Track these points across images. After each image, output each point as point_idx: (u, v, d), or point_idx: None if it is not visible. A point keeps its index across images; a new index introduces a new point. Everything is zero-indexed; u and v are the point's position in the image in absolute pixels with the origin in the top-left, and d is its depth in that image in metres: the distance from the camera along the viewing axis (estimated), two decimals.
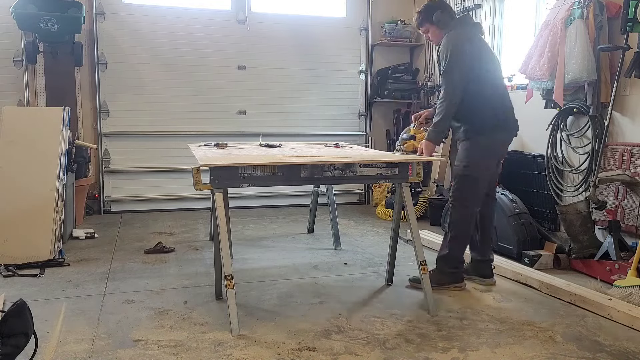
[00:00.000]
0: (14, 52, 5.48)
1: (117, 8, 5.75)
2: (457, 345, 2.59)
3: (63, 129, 4.15)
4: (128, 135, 5.87)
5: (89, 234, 4.73)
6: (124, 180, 5.92)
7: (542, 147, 4.49)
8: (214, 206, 2.91)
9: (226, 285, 2.73)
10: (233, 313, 2.72)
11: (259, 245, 4.55)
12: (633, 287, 3.09)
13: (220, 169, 2.82)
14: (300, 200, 6.14)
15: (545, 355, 2.50)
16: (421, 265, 3.06)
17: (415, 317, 2.95)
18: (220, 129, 5.96)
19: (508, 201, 4.21)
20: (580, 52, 3.82)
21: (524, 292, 3.40)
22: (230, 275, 2.73)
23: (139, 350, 2.51)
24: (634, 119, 3.78)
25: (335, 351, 2.51)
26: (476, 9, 5.47)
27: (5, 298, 3.09)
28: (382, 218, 5.65)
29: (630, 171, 3.67)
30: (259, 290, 3.38)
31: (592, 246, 3.72)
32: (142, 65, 5.85)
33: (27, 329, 2.07)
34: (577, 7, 3.91)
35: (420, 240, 3.18)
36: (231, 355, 2.46)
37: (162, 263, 3.99)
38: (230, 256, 2.93)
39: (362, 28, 6.49)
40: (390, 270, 3.53)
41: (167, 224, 5.33)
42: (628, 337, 2.72)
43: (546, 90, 4.22)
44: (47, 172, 4.00)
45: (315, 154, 3.54)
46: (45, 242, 3.85)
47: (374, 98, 6.58)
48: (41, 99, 5.51)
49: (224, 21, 6.04)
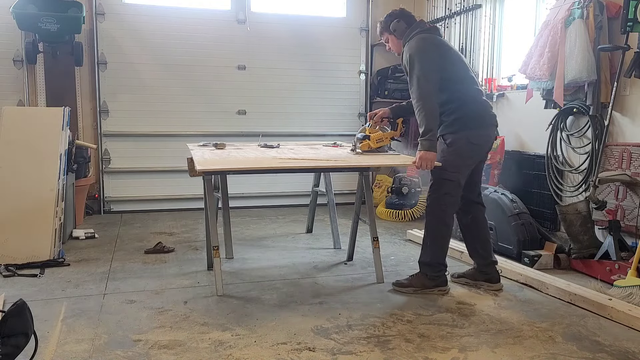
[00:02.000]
0: (14, 52, 5.48)
1: (117, 8, 5.75)
2: (457, 345, 2.59)
3: (63, 129, 4.15)
4: (128, 135, 5.87)
5: (89, 234, 4.73)
6: (124, 180, 5.92)
7: (542, 147, 4.49)
8: (205, 190, 3.46)
9: (213, 254, 3.33)
10: (218, 277, 3.29)
11: (259, 245, 4.55)
12: (633, 287, 3.09)
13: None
14: (300, 200, 6.14)
15: (545, 355, 2.50)
16: (373, 240, 3.59)
17: (415, 317, 2.95)
18: (220, 129, 5.96)
19: (508, 201, 4.21)
20: (580, 52, 3.82)
21: (524, 292, 3.40)
22: (216, 246, 3.33)
23: (139, 350, 2.51)
24: (634, 119, 3.78)
25: (335, 351, 2.51)
26: (476, 9, 5.47)
27: (5, 298, 3.09)
28: (382, 218, 5.65)
29: (630, 171, 3.67)
30: (259, 290, 3.39)
31: (592, 246, 3.72)
32: (142, 65, 5.85)
33: (27, 329, 2.07)
34: (577, 7, 3.91)
35: (375, 222, 3.69)
36: (231, 355, 2.46)
37: (162, 263, 3.99)
38: (216, 228, 3.51)
39: (362, 28, 6.49)
40: (351, 250, 4.08)
41: (167, 224, 5.33)
42: (628, 337, 2.71)
43: (546, 90, 4.22)
44: (47, 172, 4.00)
45: (314, 154, 3.70)
46: (45, 242, 3.85)
47: (374, 98, 6.58)
48: (41, 99, 5.51)
49: (224, 21, 6.04)
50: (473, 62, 5.58)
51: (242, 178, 5.76)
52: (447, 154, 3.25)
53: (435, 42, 3.28)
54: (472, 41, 5.56)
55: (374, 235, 3.59)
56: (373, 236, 3.59)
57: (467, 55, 5.60)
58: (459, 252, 4.13)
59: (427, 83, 3.14)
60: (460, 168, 3.26)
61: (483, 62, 5.46)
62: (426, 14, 6.39)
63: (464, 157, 3.26)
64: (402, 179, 5.68)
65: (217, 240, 3.36)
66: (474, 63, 5.57)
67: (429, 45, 3.23)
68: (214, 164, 3.32)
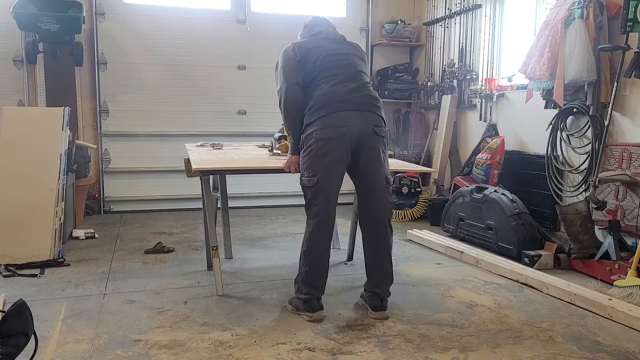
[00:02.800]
0: (14, 52, 5.48)
1: (117, 8, 5.75)
2: (457, 345, 2.59)
3: (63, 129, 4.15)
4: (128, 135, 5.87)
5: (89, 234, 4.73)
6: (124, 180, 5.92)
7: (542, 147, 4.49)
8: (202, 190, 3.48)
9: (212, 254, 3.32)
10: (218, 277, 3.29)
11: (259, 245, 4.55)
12: (633, 287, 3.09)
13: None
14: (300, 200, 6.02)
15: (545, 355, 2.50)
16: None
17: (415, 317, 2.95)
18: (220, 129, 5.96)
19: (508, 201, 4.21)
20: (580, 52, 3.82)
21: (524, 292, 3.39)
22: (215, 246, 3.30)
23: (139, 350, 2.51)
24: (634, 119, 3.78)
25: (335, 351, 2.51)
26: (476, 9, 5.47)
27: (5, 298, 3.09)
28: None
29: (630, 171, 3.67)
30: (259, 290, 3.38)
31: (592, 246, 3.72)
32: (142, 65, 5.85)
33: (27, 329, 2.07)
34: (577, 7, 3.91)
35: None
36: (231, 355, 2.46)
37: (162, 263, 3.99)
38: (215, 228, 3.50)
39: (362, 28, 6.49)
40: (350, 250, 4.12)
41: (167, 224, 5.33)
42: (628, 337, 2.71)
43: (546, 90, 4.22)
44: (47, 172, 4.00)
45: None
46: (45, 242, 3.85)
47: None
48: (41, 99, 5.51)
49: (224, 21, 6.04)
50: (473, 62, 5.59)
51: (242, 178, 5.76)
52: (304, 157, 2.94)
53: (303, 45, 3.07)
54: (472, 41, 5.57)
55: None
56: None
57: (467, 55, 5.61)
58: (459, 252, 4.13)
59: (280, 88, 3.00)
60: (317, 170, 2.87)
61: (483, 62, 5.45)
62: (426, 14, 6.40)
63: (316, 156, 2.87)
64: (402, 179, 5.68)
65: (216, 240, 3.34)
66: (474, 63, 5.58)
67: (289, 52, 3.03)
68: (209, 163, 3.34)
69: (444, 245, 4.31)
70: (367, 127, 2.90)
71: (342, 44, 3.16)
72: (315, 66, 2.98)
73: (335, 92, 2.90)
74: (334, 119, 2.85)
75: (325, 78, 2.96)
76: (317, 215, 2.90)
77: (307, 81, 2.98)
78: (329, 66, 2.99)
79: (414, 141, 6.36)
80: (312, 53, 3.01)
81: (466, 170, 5.33)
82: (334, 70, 2.98)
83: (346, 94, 2.91)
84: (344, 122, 2.85)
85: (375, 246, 2.99)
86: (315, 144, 2.86)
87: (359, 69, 3.07)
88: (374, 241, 2.99)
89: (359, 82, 3.00)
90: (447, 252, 4.24)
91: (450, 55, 5.91)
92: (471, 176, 5.14)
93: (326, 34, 3.20)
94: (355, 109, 2.90)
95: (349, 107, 2.88)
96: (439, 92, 6.05)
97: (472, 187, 4.57)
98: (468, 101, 5.64)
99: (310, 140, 2.88)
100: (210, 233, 3.40)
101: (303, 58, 2.99)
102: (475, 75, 5.53)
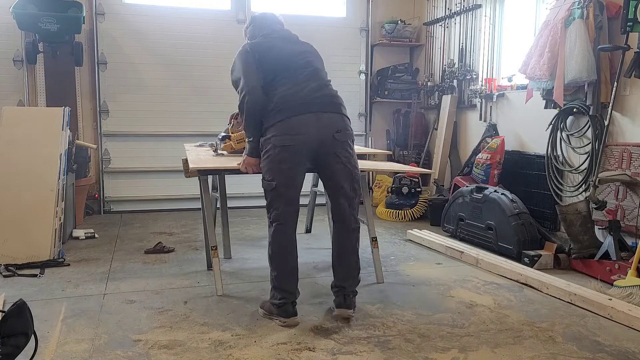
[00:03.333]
0: (14, 52, 5.48)
1: (117, 8, 5.76)
2: (457, 345, 2.59)
3: (63, 129, 4.15)
4: (128, 135, 5.88)
5: (89, 234, 4.73)
6: (124, 180, 5.93)
7: (542, 147, 4.49)
8: (201, 190, 3.54)
9: (211, 254, 3.33)
10: (217, 277, 3.29)
11: (259, 245, 4.54)
12: (633, 287, 3.09)
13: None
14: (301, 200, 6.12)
15: (545, 355, 2.50)
16: (372, 241, 3.59)
17: (415, 317, 2.95)
18: (220, 129, 5.91)
19: (508, 201, 4.20)
20: (580, 52, 3.82)
21: (524, 292, 3.39)
22: (214, 246, 3.31)
23: (139, 350, 2.51)
24: (634, 119, 3.78)
25: (335, 351, 2.51)
26: (476, 9, 5.48)
27: (5, 298, 3.09)
28: (382, 218, 5.65)
29: (630, 171, 3.67)
30: (259, 290, 3.38)
31: (592, 246, 3.72)
32: (142, 65, 5.85)
33: (27, 329, 2.06)
34: (577, 7, 3.91)
35: (374, 222, 3.69)
36: (231, 355, 2.46)
37: (162, 263, 3.99)
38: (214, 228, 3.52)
39: (362, 28, 6.49)
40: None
41: (167, 224, 5.33)
42: (628, 337, 2.71)
43: (546, 90, 4.23)
44: (47, 172, 4.00)
45: None
46: (45, 242, 3.85)
47: (374, 98, 6.58)
48: (41, 99, 5.51)
49: (224, 21, 6.04)
50: (473, 62, 5.59)
51: (242, 178, 5.71)
52: (262, 159, 2.91)
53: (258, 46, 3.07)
54: (472, 41, 5.57)
55: (373, 235, 3.58)
56: (371, 236, 3.58)
57: (467, 55, 5.61)
58: (459, 252, 4.13)
59: (239, 90, 3.00)
60: (275, 176, 2.83)
61: (483, 62, 5.46)
62: (426, 14, 6.40)
63: (274, 162, 2.83)
64: (402, 179, 5.68)
65: (215, 240, 3.35)
66: (474, 63, 5.58)
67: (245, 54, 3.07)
68: (207, 163, 3.34)
69: (444, 245, 4.31)
70: (327, 133, 2.84)
71: (297, 44, 3.15)
72: (272, 67, 2.94)
73: (294, 95, 2.85)
74: (292, 125, 2.79)
75: (283, 79, 2.92)
76: (277, 218, 2.86)
77: (266, 82, 2.94)
78: (286, 67, 2.96)
79: (414, 141, 6.36)
80: (269, 54, 2.99)
81: (466, 170, 5.33)
82: (291, 72, 2.95)
83: (305, 96, 2.85)
84: (302, 128, 2.79)
85: (340, 242, 2.98)
86: (273, 149, 2.82)
87: (316, 67, 3.05)
88: (339, 238, 2.98)
89: (318, 82, 2.97)
90: (447, 252, 4.24)
91: (450, 55, 5.91)
92: (471, 176, 5.14)
93: (279, 33, 3.19)
94: (315, 110, 2.83)
95: (308, 109, 2.82)
96: (439, 92, 6.05)
97: (472, 187, 4.56)
98: (468, 101, 5.64)
99: (268, 146, 2.83)
100: (209, 233, 3.40)
101: (262, 59, 2.97)
102: (475, 75, 5.53)
